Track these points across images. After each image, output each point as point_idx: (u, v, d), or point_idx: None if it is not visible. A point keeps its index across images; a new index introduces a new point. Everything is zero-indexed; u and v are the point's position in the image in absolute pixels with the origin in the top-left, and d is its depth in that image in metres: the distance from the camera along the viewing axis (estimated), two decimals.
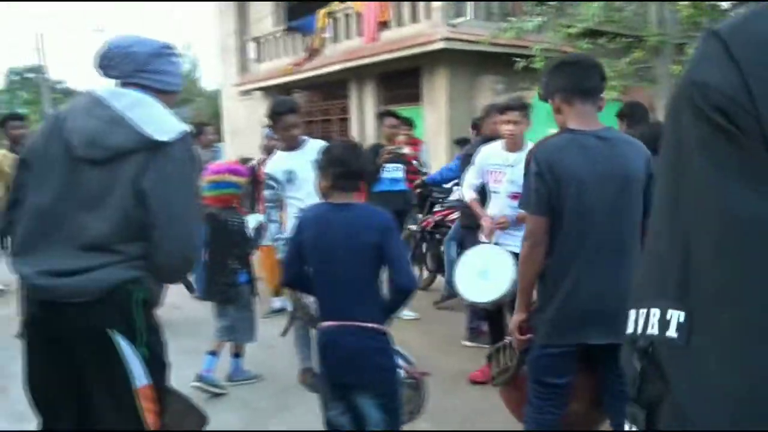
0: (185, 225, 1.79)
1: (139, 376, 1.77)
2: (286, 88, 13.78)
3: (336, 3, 11.50)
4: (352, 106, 11.69)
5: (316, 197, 3.64)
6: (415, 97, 10.47)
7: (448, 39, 8.69)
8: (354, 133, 11.57)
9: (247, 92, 14.66)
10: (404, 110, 10.80)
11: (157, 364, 1.83)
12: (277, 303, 5.35)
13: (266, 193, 3.60)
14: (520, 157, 3.21)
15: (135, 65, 1.80)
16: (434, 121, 9.78)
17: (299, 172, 3.53)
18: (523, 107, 3.48)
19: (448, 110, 9.57)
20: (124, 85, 1.83)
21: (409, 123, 8.08)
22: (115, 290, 1.72)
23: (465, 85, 9.73)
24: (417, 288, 2.21)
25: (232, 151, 15.66)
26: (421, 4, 9.49)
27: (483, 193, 3.89)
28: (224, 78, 16.11)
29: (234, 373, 3.68)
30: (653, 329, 0.55)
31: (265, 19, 13.80)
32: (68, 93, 37.05)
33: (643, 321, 0.57)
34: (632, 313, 0.59)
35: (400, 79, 10.75)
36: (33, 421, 1.93)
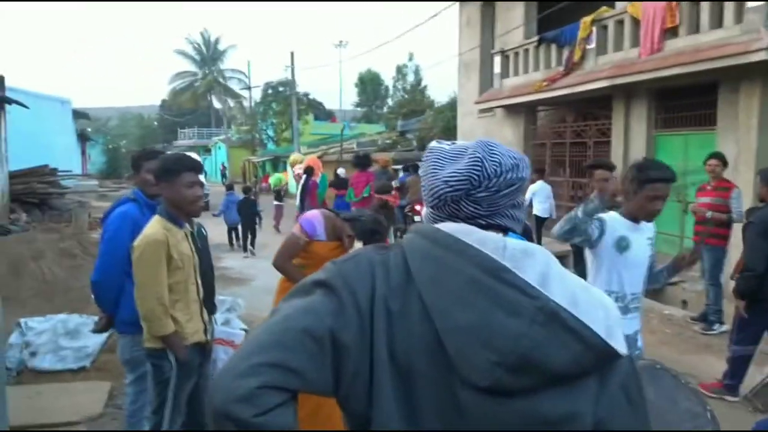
0: None
1: None
2: (532, 106, 12.54)
3: (605, 8, 9.92)
4: (615, 129, 9.98)
5: (636, 287, 2.95)
6: (705, 120, 8.43)
7: None
8: (617, 160, 9.86)
9: (487, 109, 13.73)
10: (691, 136, 8.86)
11: None
12: None
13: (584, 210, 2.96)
14: None
15: (512, 199, 1.09)
16: (734, 151, 7.67)
17: (635, 247, 2.91)
18: None
19: (759, 139, 7.42)
20: (486, 226, 1.07)
21: (722, 159, 6.33)
22: None
23: None
24: None
25: None
26: (730, 5, 7.49)
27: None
28: (464, 93, 15.41)
29: None
30: None
31: (514, 30, 12.69)
32: (312, 103, 40.41)
33: None
34: None
35: (683, 98, 8.78)
36: None
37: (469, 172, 1.04)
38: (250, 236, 11.59)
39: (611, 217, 2.95)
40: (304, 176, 11.76)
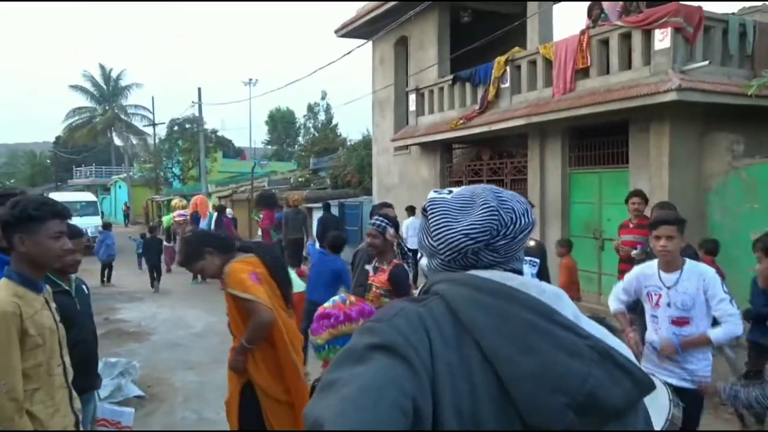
0: None
1: None
2: (448, 144, 12.50)
3: (517, 49, 10.07)
4: (531, 166, 10.03)
5: None
6: (617, 158, 8.59)
7: (682, 89, 6.82)
8: (534, 198, 9.88)
9: (403, 147, 13.57)
10: (605, 174, 9.00)
11: None
12: None
13: None
14: (678, 277, 3.18)
15: (524, 243, 1.12)
16: (647, 188, 7.80)
17: None
18: (678, 222, 3.26)
19: (670, 176, 7.60)
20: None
21: (643, 196, 6.33)
22: None
23: (691, 145, 7.72)
24: None
25: None
26: (638, 47, 7.72)
27: None
28: (379, 131, 15.23)
29: None
30: None
31: (428, 69, 12.70)
32: (220, 140, 39.05)
33: None
34: None
35: (596, 136, 8.96)
36: None
37: (489, 223, 1.06)
38: (156, 275, 12.25)
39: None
40: (215, 214, 12.69)
